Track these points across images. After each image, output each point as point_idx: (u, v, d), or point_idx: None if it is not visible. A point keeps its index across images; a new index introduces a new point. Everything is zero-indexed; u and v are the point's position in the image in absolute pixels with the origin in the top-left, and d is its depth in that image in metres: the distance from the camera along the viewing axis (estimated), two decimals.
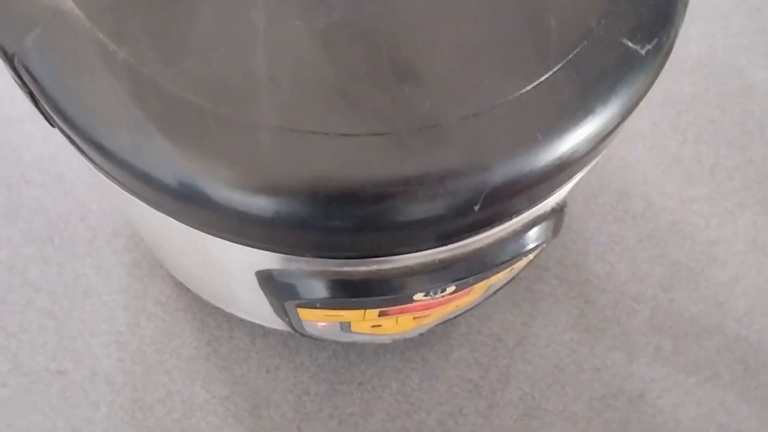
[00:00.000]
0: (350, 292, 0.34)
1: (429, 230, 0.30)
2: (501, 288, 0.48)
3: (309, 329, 0.43)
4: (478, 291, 0.41)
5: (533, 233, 0.35)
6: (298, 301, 0.35)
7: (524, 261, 0.40)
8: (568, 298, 0.59)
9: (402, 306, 0.38)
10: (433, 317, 0.44)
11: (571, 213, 0.62)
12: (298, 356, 0.56)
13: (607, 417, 0.56)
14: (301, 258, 0.32)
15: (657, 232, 0.62)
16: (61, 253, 0.58)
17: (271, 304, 0.39)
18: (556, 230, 0.36)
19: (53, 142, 0.62)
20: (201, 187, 0.29)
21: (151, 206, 0.32)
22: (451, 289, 0.36)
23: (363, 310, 0.37)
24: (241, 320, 0.57)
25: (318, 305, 0.36)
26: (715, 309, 0.60)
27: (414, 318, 0.42)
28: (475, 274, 0.35)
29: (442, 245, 0.32)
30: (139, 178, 0.29)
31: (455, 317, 0.51)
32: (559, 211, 0.36)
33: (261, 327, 0.57)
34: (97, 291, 0.57)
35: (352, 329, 0.43)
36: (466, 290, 0.38)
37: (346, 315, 0.38)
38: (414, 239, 0.31)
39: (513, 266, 0.39)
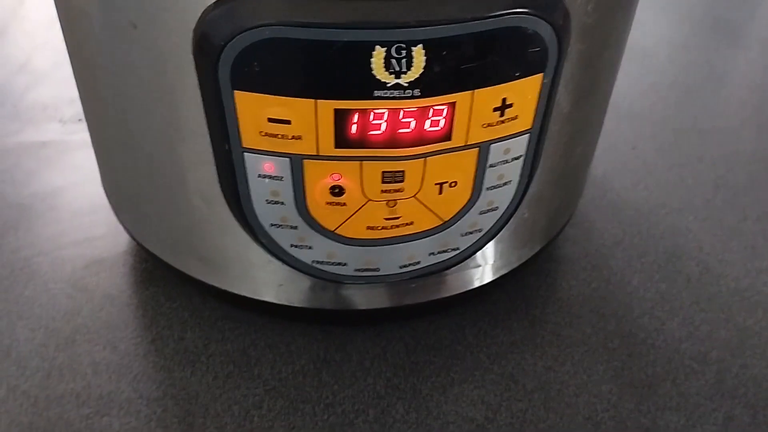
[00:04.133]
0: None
1: None
2: (507, 215, 0.38)
3: (257, 195, 0.34)
4: (465, 159, 0.33)
5: None
6: (233, 52, 0.28)
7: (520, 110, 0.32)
8: (606, 349, 0.47)
9: (363, 102, 0.30)
10: (409, 208, 0.35)
11: (608, 266, 0.52)
12: (257, 366, 0.45)
13: None
14: None
15: (718, 297, 0.50)
16: (20, 242, 0.52)
17: (205, 99, 0.32)
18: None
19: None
20: None
21: None
22: (419, 59, 0.29)
23: (314, 101, 0.30)
24: (198, 323, 0.47)
25: (256, 66, 0.29)
26: None
27: (383, 182, 0.33)
28: (450, 22, 0.28)
29: None
30: None
31: (449, 259, 0.40)
32: None
33: (220, 332, 0.46)
34: (44, 278, 0.49)
35: (309, 202, 0.34)
36: (444, 103, 0.30)
37: (293, 113, 0.30)
38: None
39: (506, 100, 0.32)
